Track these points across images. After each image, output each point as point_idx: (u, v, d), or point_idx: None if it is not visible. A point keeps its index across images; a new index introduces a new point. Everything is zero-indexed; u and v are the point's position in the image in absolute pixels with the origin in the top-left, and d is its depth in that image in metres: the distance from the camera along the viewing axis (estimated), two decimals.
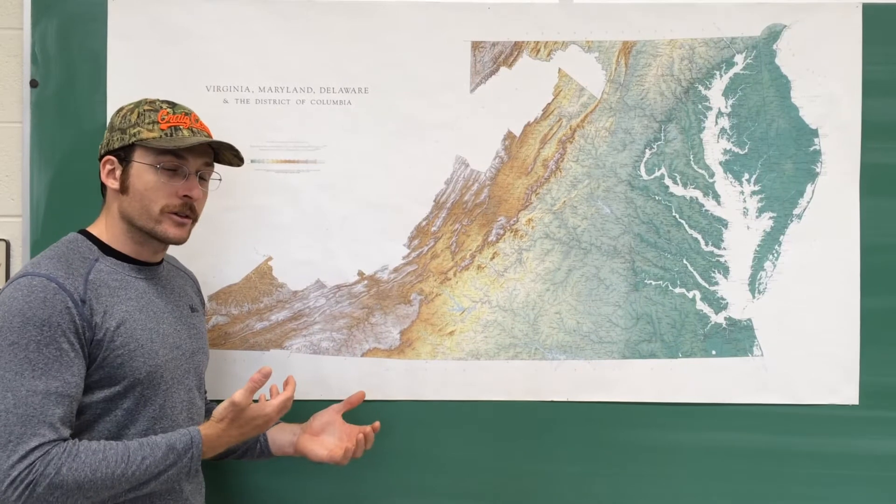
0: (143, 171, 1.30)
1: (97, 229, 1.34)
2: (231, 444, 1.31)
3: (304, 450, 1.49)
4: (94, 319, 1.22)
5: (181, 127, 1.32)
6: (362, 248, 1.65)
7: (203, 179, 1.38)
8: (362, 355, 1.65)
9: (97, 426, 1.24)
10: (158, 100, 1.36)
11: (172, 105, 1.35)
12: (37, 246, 1.61)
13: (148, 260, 1.35)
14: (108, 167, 1.31)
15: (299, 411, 1.50)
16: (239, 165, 1.44)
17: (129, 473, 1.18)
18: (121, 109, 1.35)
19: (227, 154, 1.40)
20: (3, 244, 1.68)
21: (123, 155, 1.31)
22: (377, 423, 1.54)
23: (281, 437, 1.51)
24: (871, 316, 1.65)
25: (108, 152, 1.32)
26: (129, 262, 1.32)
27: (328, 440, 1.50)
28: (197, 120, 1.36)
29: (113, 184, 1.31)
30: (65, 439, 1.17)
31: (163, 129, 1.30)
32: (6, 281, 1.66)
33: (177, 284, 1.43)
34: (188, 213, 1.34)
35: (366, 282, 1.66)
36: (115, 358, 1.23)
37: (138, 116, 1.31)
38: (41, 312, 1.18)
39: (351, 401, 1.57)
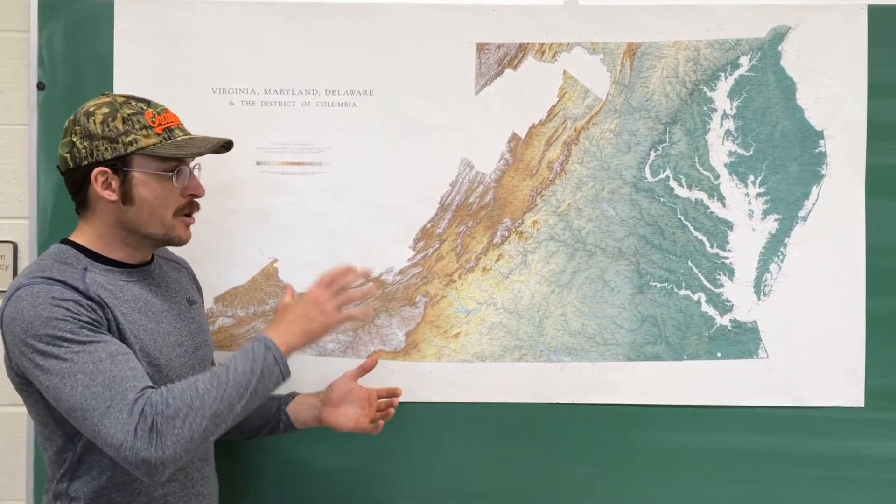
0: (148, 180, 1.26)
1: (83, 239, 1.29)
2: (306, 337, 1.31)
3: (329, 423, 1.49)
4: (104, 314, 1.21)
5: (172, 127, 1.30)
6: (367, 250, 1.65)
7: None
8: (367, 357, 1.66)
9: None
10: (129, 97, 1.29)
11: (147, 102, 1.30)
12: (44, 248, 1.61)
13: (140, 262, 1.33)
14: (102, 179, 1.24)
15: None
16: (221, 153, 1.40)
17: (224, 379, 1.19)
18: (92, 114, 1.25)
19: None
20: (11, 246, 1.69)
21: (120, 165, 1.24)
22: (399, 389, 1.55)
23: (303, 412, 1.51)
24: (876, 318, 1.65)
25: (98, 163, 1.24)
26: (119, 267, 1.30)
27: (350, 410, 1.49)
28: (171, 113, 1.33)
29: (111, 196, 1.25)
30: (151, 385, 1.17)
31: (158, 134, 1.27)
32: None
33: (171, 279, 1.41)
34: (194, 209, 1.35)
35: (371, 284, 1.66)
36: None
37: (125, 122, 1.24)
38: (58, 311, 1.16)
39: (365, 366, 1.54)
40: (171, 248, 1.48)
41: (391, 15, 1.64)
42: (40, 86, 1.65)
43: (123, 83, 1.62)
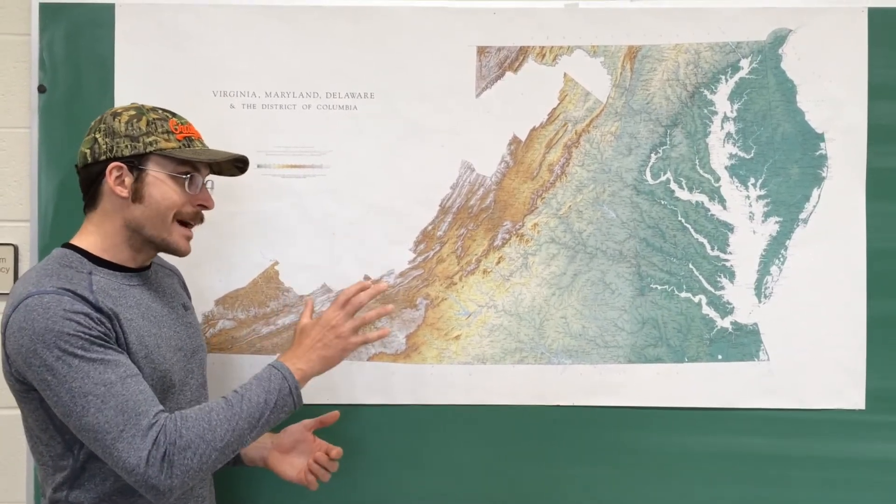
0: (161, 181, 1.28)
1: (87, 241, 1.29)
2: (323, 364, 1.37)
3: (274, 468, 1.50)
4: (112, 326, 1.21)
5: (193, 138, 1.33)
6: (368, 252, 1.65)
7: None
8: (368, 360, 1.66)
9: None
10: (157, 107, 1.33)
11: (173, 114, 1.33)
12: (45, 251, 1.62)
13: (141, 266, 1.34)
14: (116, 174, 1.26)
15: (307, 415, 1.50)
16: (236, 175, 1.44)
17: (237, 410, 1.22)
18: (118, 114, 1.29)
19: (229, 165, 1.40)
20: (12, 248, 1.69)
21: (136, 163, 1.27)
22: (336, 451, 1.49)
23: (251, 450, 1.51)
24: (877, 320, 1.65)
25: (116, 159, 1.27)
26: (122, 271, 1.30)
27: (297, 460, 1.50)
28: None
29: (122, 192, 1.27)
30: (163, 410, 1.19)
31: (179, 140, 1.30)
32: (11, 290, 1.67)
33: (167, 285, 1.42)
34: (198, 221, 1.36)
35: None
36: None
37: (148, 125, 1.28)
38: (69, 325, 1.15)
39: (323, 420, 1.53)
40: (164, 256, 1.48)
41: (392, 17, 1.65)
42: (41, 89, 1.65)
43: (124, 86, 1.63)
